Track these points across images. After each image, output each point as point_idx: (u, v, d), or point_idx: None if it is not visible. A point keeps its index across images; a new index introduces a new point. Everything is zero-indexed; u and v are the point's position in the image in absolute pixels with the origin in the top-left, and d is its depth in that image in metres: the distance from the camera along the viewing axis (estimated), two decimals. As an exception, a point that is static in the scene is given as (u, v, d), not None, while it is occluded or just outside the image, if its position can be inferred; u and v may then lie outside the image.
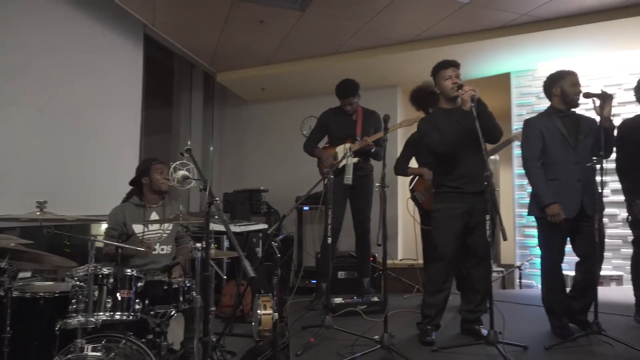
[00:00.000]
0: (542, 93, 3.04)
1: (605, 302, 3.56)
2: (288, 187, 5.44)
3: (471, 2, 3.76)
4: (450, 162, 2.75)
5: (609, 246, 4.72)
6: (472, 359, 2.43)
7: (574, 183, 2.74)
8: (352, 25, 4.28)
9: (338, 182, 3.35)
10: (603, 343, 2.55)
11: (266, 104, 6.39)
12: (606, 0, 3.81)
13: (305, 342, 2.66)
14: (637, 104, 3.30)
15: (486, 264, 2.59)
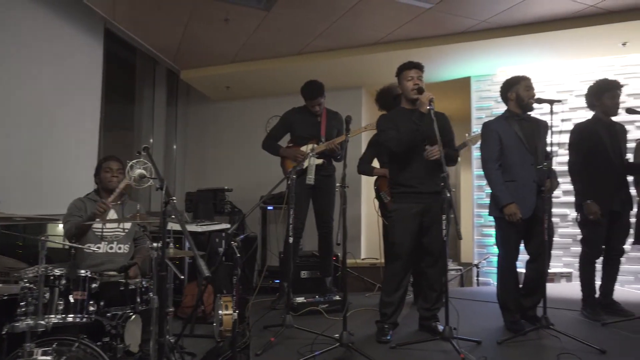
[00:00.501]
0: (500, 97, 3.16)
1: (555, 297, 3.74)
2: (253, 186, 5.41)
3: (433, 7, 3.86)
4: (405, 161, 2.80)
5: (560, 244, 4.97)
6: (428, 355, 2.50)
7: (530, 184, 2.86)
8: (316, 26, 4.31)
9: (301, 182, 3.36)
10: (551, 337, 2.67)
11: (231, 102, 6.33)
12: (560, 10, 3.99)
13: (266, 341, 2.66)
14: (587, 110, 3.48)
15: (442, 262, 2.66)
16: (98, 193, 2.93)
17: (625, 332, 2.87)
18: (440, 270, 2.73)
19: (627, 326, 2.95)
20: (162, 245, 1.84)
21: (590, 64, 4.96)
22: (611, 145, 3.21)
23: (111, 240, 2.82)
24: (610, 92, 3.22)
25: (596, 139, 3.20)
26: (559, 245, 4.99)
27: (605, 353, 2.45)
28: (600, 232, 3.21)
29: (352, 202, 5.62)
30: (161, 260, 1.84)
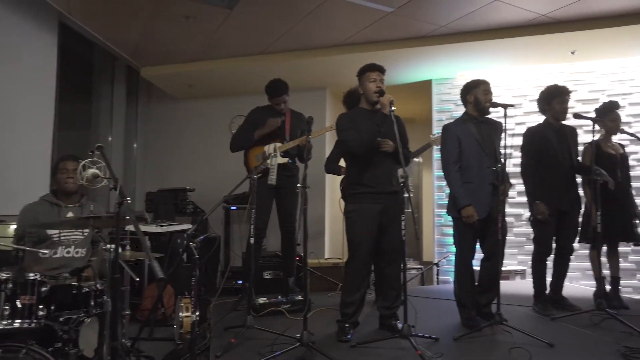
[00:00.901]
0: (460, 100, 3.26)
1: (510, 294, 3.89)
2: (216, 186, 5.32)
3: (394, 11, 3.93)
4: (365, 162, 2.84)
5: (514, 243, 5.17)
6: (387, 353, 2.55)
7: (486, 186, 2.96)
8: (280, 26, 4.30)
9: (264, 182, 3.35)
10: (504, 332, 2.77)
11: (194, 101, 6.23)
12: (514, 19, 4.15)
13: (226, 343, 2.64)
14: (539, 114, 3.64)
15: (400, 261, 2.71)
16: (55, 194, 2.83)
17: (572, 326, 3.02)
18: (398, 269, 2.78)
19: (575, 320, 3.11)
20: (115, 247, 1.80)
21: (542, 71, 5.19)
22: (560, 148, 3.37)
23: (69, 244, 2.72)
24: (559, 97, 3.38)
25: (546, 142, 3.36)
26: (513, 244, 5.19)
27: (553, 346, 2.57)
28: (550, 231, 3.36)
29: (316, 202, 5.67)
30: (114, 262, 1.79)
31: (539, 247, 3.45)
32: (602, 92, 5.06)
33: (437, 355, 2.41)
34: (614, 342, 2.62)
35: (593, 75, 5.11)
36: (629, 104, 5.00)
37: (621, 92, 5.02)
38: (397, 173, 2.59)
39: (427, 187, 7.45)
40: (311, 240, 5.35)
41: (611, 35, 4.36)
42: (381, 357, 2.50)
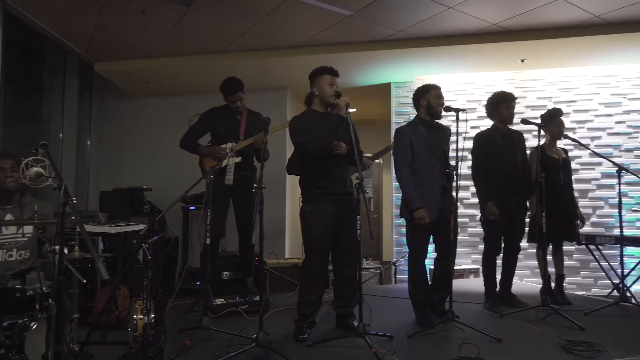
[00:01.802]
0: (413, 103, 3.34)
1: (463, 292, 4.04)
2: (174, 186, 5.18)
3: (353, 15, 3.99)
4: (320, 164, 2.86)
5: (468, 242, 5.36)
6: (342, 351, 2.58)
7: (437, 188, 3.06)
8: (240, 25, 4.27)
9: (220, 181, 3.32)
10: (456, 328, 2.88)
11: (152, 98, 6.08)
12: (468, 26, 4.31)
13: (181, 345, 2.61)
14: (491, 119, 3.79)
15: (356, 261, 2.74)
16: None
17: (519, 322, 3.17)
18: (354, 268, 2.81)
19: (522, 316, 3.26)
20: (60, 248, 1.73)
21: (495, 77, 5.42)
22: (507, 152, 3.53)
23: (10, 247, 2.58)
24: (506, 103, 3.54)
25: (494, 146, 3.51)
26: (467, 244, 5.38)
27: (500, 341, 2.69)
28: (499, 231, 3.51)
29: (276, 203, 5.67)
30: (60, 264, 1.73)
31: (488, 246, 3.59)
32: (550, 99, 5.33)
33: (390, 352, 2.47)
34: (556, 336, 2.77)
35: (541, 83, 5.38)
36: (573, 111, 5.30)
37: (567, 99, 5.31)
38: (351, 174, 2.63)
39: (386, 189, 7.60)
40: (271, 240, 5.39)
41: (558, 46, 4.61)
42: (337, 355, 2.54)
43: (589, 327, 2.96)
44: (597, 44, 4.58)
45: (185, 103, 5.87)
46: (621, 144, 5.20)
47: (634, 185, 4.98)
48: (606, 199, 5.14)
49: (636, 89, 5.20)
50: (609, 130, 5.24)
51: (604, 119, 5.26)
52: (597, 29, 4.32)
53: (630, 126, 5.20)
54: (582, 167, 5.22)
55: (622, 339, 2.72)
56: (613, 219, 5.01)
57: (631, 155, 5.16)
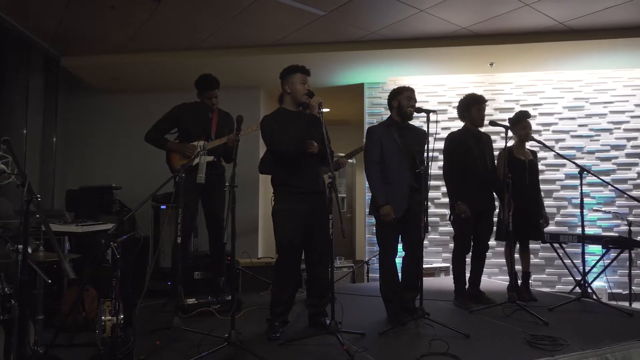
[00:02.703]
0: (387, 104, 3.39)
1: (433, 290, 4.12)
2: (146, 184, 5.08)
3: (326, 15, 4.01)
4: (292, 163, 2.86)
5: (439, 241, 5.46)
6: (314, 349, 2.59)
7: (404, 187, 3.11)
8: (212, 22, 4.23)
9: (191, 180, 3.28)
10: (426, 325, 2.92)
11: (122, 94, 5.96)
12: (439, 29, 4.40)
13: (151, 345, 2.56)
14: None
15: (328, 259, 2.76)
16: None
17: (487, 318, 3.25)
18: (326, 267, 2.82)
19: (490, 312, 3.35)
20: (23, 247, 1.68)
21: (465, 80, 5.55)
22: (477, 153, 3.62)
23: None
24: (476, 105, 3.63)
25: (465, 147, 3.59)
26: (438, 243, 5.49)
27: (469, 337, 2.76)
28: (469, 230, 3.60)
29: (248, 202, 5.64)
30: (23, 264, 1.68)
31: (458, 245, 3.68)
32: (517, 102, 5.49)
33: (361, 349, 2.50)
34: (521, 331, 2.86)
35: (509, 87, 5.55)
36: (539, 114, 5.48)
37: (533, 103, 5.48)
38: (322, 173, 2.64)
39: (359, 188, 7.65)
40: (244, 239, 5.36)
41: (525, 51, 4.76)
42: (309, 353, 2.55)
43: (553, 322, 3.07)
44: (561, 50, 4.76)
45: (156, 100, 5.74)
46: (584, 146, 5.42)
47: (595, 186, 5.20)
48: (570, 199, 5.34)
49: (598, 94, 5.42)
50: (572, 132, 5.45)
51: (567, 122, 5.46)
52: (561, 35, 4.49)
53: (592, 129, 5.42)
54: (547, 168, 5.41)
55: (582, 333, 2.83)
56: (576, 219, 5.21)
57: (593, 157, 5.38)
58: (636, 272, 5.03)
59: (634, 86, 5.37)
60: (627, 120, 5.38)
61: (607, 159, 5.36)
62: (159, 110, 5.65)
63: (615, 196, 5.20)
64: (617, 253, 4.25)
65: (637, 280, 5.04)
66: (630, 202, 4.94)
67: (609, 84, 5.41)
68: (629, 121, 5.37)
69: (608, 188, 5.03)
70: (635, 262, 4.97)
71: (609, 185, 4.19)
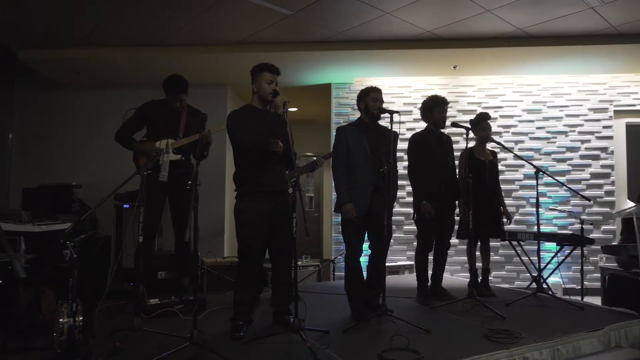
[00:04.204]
0: (356, 105, 3.44)
1: (398, 287, 4.20)
2: (108, 183, 4.94)
3: (293, 14, 4.02)
4: (256, 161, 2.85)
5: (404, 240, 5.57)
6: (278, 347, 2.60)
7: (368, 186, 3.16)
8: (178, 18, 4.17)
9: (155, 178, 3.23)
10: (389, 322, 2.99)
11: (84, 90, 5.78)
12: (404, 32, 4.48)
13: (111, 347, 2.51)
14: (425, 121, 3.97)
15: (291, 258, 2.76)
16: None
17: (448, 313, 3.35)
18: (289, 265, 2.83)
19: (451, 308, 3.45)
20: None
21: (430, 82, 5.68)
22: (439, 153, 3.72)
23: None
24: (439, 107, 3.73)
25: (427, 147, 3.69)
26: (403, 241, 5.59)
27: (429, 332, 2.84)
28: (431, 228, 3.69)
29: (215, 201, 5.58)
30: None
31: (421, 243, 3.77)
32: (479, 105, 5.66)
33: (324, 346, 2.53)
34: (479, 325, 2.96)
35: (472, 89, 5.71)
36: (500, 116, 5.67)
37: (494, 105, 5.67)
38: (286, 172, 2.66)
39: (327, 188, 7.70)
40: (210, 239, 5.31)
41: (486, 55, 4.92)
42: (272, 351, 2.55)
43: (510, 316, 3.19)
44: (520, 55, 4.94)
45: (120, 96, 5.62)
46: (541, 148, 5.64)
47: (552, 186, 5.42)
48: (528, 199, 5.55)
49: (554, 98, 5.66)
50: (531, 135, 5.66)
51: (526, 124, 5.67)
52: (520, 41, 4.66)
53: (549, 132, 5.65)
54: (507, 168, 5.60)
55: (537, 326, 2.96)
56: (534, 217, 5.40)
57: (549, 158, 5.61)
58: (588, 267, 5.28)
59: (587, 91, 5.64)
60: (582, 123, 5.63)
61: (563, 160, 5.61)
62: (124, 107, 5.53)
63: (570, 196, 5.44)
64: (571, 250, 4.44)
65: (590, 276, 5.29)
66: (583, 202, 5.18)
67: (565, 88, 5.65)
68: (583, 124, 5.63)
69: (563, 188, 5.26)
70: (587, 259, 5.22)
71: (564, 186, 4.38)
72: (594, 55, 4.95)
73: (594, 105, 5.62)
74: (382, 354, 2.43)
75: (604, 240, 5.28)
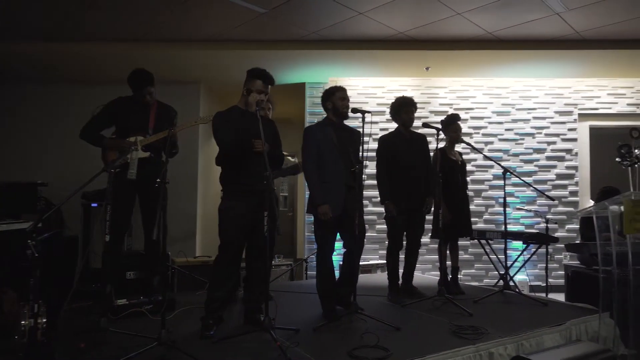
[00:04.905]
0: (322, 105, 3.44)
1: (369, 286, 4.24)
2: (75, 181, 4.82)
3: (267, 13, 4.01)
4: (239, 161, 2.86)
5: (376, 239, 5.62)
6: (249, 346, 2.59)
7: (340, 186, 3.18)
8: (151, 14, 4.10)
9: (124, 176, 3.17)
10: (360, 320, 3.01)
11: (53, 85, 5.61)
12: (377, 33, 4.54)
13: (75, 348, 2.45)
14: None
15: (265, 256, 2.76)
16: None
17: (418, 311, 3.40)
18: (263, 264, 2.83)
19: (421, 306, 3.50)
20: None
21: (403, 83, 5.76)
22: (410, 153, 3.76)
23: None
24: (406, 108, 3.78)
25: (396, 148, 3.73)
26: (375, 240, 5.64)
27: (399, 329, 2.87)
28: (401, 227, 3.74)
29: (187, 201, 5.51)
30: None
31: (392, 242, 3.81)
32: (451, 106, 5.78)
33: (294, 344, 2.53)
34: (447, 322, 3.02)
35: (444, 91, 5.82)
36: (471, 118, 5.79)
37: (466, 107, 5.79)
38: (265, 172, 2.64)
39: (301, 188, 7.71)
40: (181, 239, 5.23)
41: (458, 57, 5.02)
42: (242, 350, 2.54)
43: (477, 313, 3.27)
44: (490, 58, 5.07)
45: (90, 92, 5.45)
46: (509, 149, 5.79)
47: (519, 186, 5.57)
48: (497, 198, 5.69)
49: (522, 100, 5.82)
50: (500, 136, 5.81)
51: (496, 126, 5.82)
52: (489, 44, 4.78)
53: (517, 133, 5.81)
54: (477, 169, 5.73)
55: (503, 322, 3.04)
56: (502, 216, 5.55)
57: (517, 159, 5.77)
58: (553, 265, 5.46)
59: (554, 95, 5.82)
60: (548, 126, 5.82)
61: (530, 161, 5.78)
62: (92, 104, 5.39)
63: (536, 196, 5.61)
64: (536, 248, 4.58)
65: (554, 273, 5.47)
66: (549, 202, 5.35)
67: (533, 91, 5.83)
68: (549, 127, 5.81)
69: (530, 188, 5.42)
70: (552, 257, 5.40)
71: (530, 186, 4.51)
72: (560, 59, 5.11)
73: (560, 108, 5.82)
74: (352, 352, 2.44)
75: (568, 238, 5.47)
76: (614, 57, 5.03)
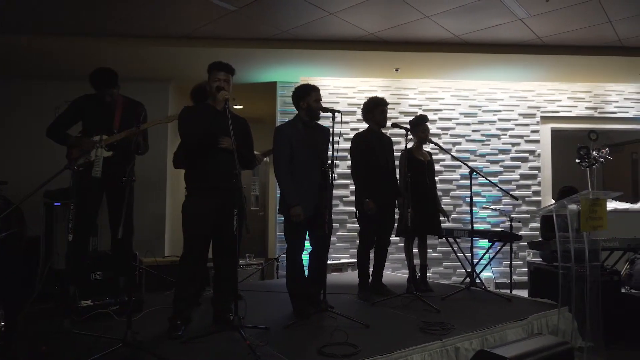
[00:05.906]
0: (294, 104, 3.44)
1: (340, 284, 4.27)
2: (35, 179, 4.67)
3: (237, 11, 3.99)
4: (204, 158, 2.82)
5: (347, 238, 5.66)
6: (218, 345, 2.57)
7: (313, 186, 3.18)
8: (117, 8, 4.00)
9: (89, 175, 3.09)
10: (330, 317, 3.03)
11: (12, 79, 5.40)
12: (347, 33, 4.58)
13: (36, 352, 2.37)
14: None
15: (234, 255, 2.75)
16: None
17: (387, 308, 3.45)
18: (232, 263, 2.82)
19: (390, 303, 3.55)
20: None
21: (373, 84, 5.83)
22: (380, 152, 3.82)
23: None
24: (379, 107, 3.83)
25: (368, 146, 3.78)
26: (346, 239, 5.69)
27: (369, 327, 2.91)
28: (372, 226, 3.78)
29: (156, 200, 5.41)
30: None
31: (362, 240, 3.85)
32: (420, 107, 5.88)
33: (264, 343, 2.53)
34: (416, 319, 3.08)
35: (413, 92, 5.92)
36: (439, 119, 5.92)
37: (434, 108, 5.91)
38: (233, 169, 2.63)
39: (272, 187, 7.68)
40: (150, 239, 5.12)
41: (426, 59, 5.12)
42: (211, 350, 2.52)
43: (444, 309, 3.34)
44: (457, 61, 5.19)
45: (54, 88, 5.32)
46: (476, 150, 5.95)
47: (486, 186, 5.73)
48: (464, 198, 5.83)
49: (488, 103, 5.99)
50: (467, 137, 5.96)
51: (463, 127, 5.96)
52: (457, 47, 4.90)
53: (484, 134, 5.97)
54: (445, 169, 5.85)
55: (468, 318, 3.12)
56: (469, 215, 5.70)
57: (484, 159, 5.94)
58: (517, 263, 5.64)
59: (518, 97, 6.02)
60: (513, 127, 6.01)
61: (496, 161, 5.95)
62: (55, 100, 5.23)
63: (501, 195, 5.78)
64: (501, 246, 4.72)
65: (519, 270, 5.65)
66: (513, 201, 5.53)
67: (498, 94, 6.00)
68: (514, 128, 6.00)
69: (496, 188, 5.58)
70: (516, 254, 5.58)
71: (495, 186, 4.65)
72: (523, 63, 5.29)
73: (523, 110, 6.01)
74: (321, 349, 2.46)
75: (532, 236, 5.66)
76: (574, 63, 5.24)
